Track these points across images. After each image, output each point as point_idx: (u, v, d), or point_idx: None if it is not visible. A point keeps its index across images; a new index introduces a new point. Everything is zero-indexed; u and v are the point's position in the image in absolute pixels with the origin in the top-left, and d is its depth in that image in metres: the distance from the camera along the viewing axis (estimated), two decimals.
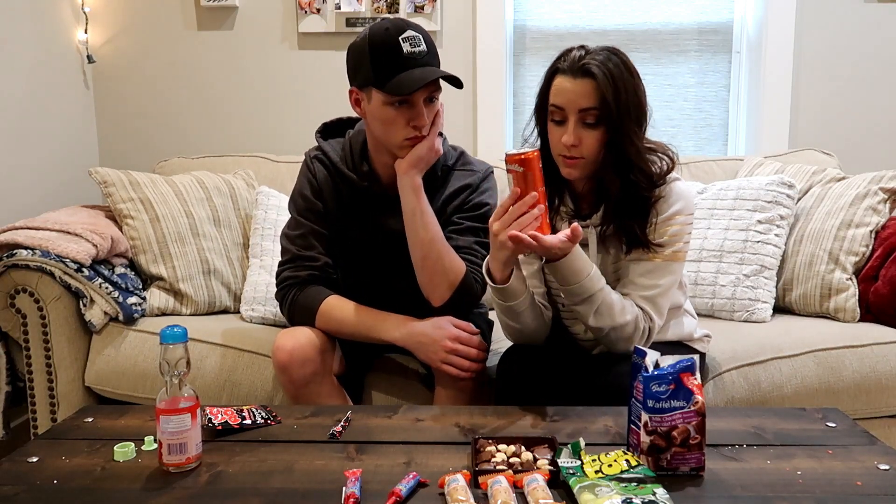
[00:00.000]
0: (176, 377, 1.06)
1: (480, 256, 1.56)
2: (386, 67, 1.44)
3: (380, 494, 0.98)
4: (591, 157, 1.35)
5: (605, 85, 1.30)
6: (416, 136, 1.49)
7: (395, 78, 1.44)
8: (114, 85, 2.71)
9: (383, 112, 1.48)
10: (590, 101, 1.32)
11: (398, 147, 1.51)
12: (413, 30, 1.47)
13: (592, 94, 1.32)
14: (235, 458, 1.12)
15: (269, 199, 2.18)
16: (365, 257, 1.65)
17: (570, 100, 1.34)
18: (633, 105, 1.33)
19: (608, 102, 1.31)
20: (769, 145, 2.52)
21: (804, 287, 1.98)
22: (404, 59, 1.44)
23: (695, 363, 1.06)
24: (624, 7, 2.63)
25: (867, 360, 1.71)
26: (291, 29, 2.62)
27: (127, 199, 2.06)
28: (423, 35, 1.48)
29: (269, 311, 2.00)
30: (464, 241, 1.58)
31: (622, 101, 1.31)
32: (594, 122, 1.33)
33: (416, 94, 1.46)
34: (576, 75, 1.33)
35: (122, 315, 1.88)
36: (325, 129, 1.70)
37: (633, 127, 1.34)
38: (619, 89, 1.31)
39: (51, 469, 1.09)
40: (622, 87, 1.32)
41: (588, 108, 1.32)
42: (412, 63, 1.45)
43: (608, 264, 1.44)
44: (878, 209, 1.96)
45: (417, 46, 1.45)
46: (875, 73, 2.52)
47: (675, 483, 1.02)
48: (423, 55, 1.46)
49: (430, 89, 1.48)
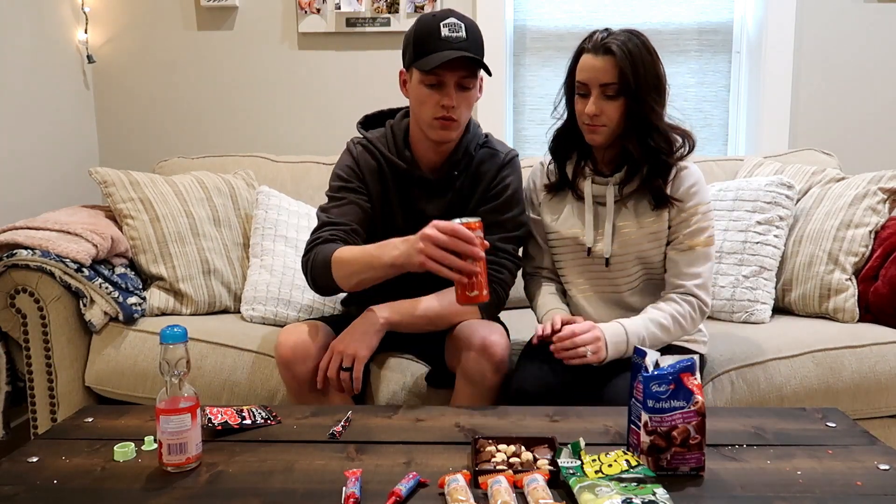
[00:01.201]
0: (176, 377, 1.06)
1: (502, 255, 1.62)
2: (424, 47, 1.52)
3: (380, 494, 0.98)
4: (611, 125, 1.51)
5: (624, 61, 1.47)
6: (444, 117, 1.54)
7: (427, 56, 1.51)
8: (114, 85, 2.71)
9: (419, 91, 1.56)
10: (609, 77, 1.48)
11: (428, 125, 1.57)
12: (458, 19, 1.53)
13: (612, 69, 1.48)
14: (235, 458, 1.12)
15: (270, 199, 2.18)
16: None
17: (593, 76, 1.50)
18: (651, 78, 1.49)
19: (627, 76, 1.47)
20: (769, 145, 2.52)
21: (803, 288, 1.98)
22: (441, 40, 1.51)
23: (695, 363, 1.06)
24: (624, 7, 2.63)
25: (867, 361, 1.71)
26: (291, 29, 2.62)
27: (127, 199, 2.06)
28: (467, 25, 1.53)
29: (269, 311, 2.00)
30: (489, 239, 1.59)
31: (640, 74, 1.47)
32: (614, 95, 1.49)
33: (446, 76, 1.51)
34: (597, 53, 1.49)
35: (122, 315, 1.88)
36: (366, 120, 1.74)
37: (653, 96, 1.50)
38: (637, 65, 1.47)
39: (51, 469, 1.09)
40: (640, 63, 1.48)
41: (608, 83, 1.48)
42: (447, 45, 1.50)
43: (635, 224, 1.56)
44: (878, 209, 1.96)
45: (456, 32, 1.52)
46: (875, 73, 2.52)
47: (675, 483, 1.02)
48: (460, 41, 1.51)
49: (459, 73, 1.52)
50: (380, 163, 1.66)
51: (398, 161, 1.64)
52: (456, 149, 1.64)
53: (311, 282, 1.61)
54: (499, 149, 1.68)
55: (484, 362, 1.48)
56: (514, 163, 1.69)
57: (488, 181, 1.65)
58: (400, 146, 1.65)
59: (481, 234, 1.34)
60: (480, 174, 1.65)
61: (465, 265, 1.32)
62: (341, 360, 1.49)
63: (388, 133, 1.68)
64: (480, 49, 1.55)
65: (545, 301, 1.65)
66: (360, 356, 1.49)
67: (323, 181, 2.37)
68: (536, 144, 2.71)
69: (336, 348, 1.50)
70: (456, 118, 1.55)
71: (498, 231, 1.63)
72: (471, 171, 1.65)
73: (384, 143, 1.67)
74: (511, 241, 1.64)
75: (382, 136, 1.68)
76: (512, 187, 1.65)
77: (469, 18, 1.56)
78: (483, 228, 1.36)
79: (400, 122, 1.68)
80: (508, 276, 1.64)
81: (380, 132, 1.69)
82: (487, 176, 1.65)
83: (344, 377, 1.49)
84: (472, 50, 1.52)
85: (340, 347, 1.50)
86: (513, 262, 1.65)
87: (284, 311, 2.01)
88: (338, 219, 1.61)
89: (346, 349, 1.49)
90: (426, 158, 1.65)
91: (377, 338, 1.53)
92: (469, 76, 1.54)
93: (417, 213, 1.65)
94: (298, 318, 2.00)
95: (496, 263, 1.61)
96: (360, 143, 1.69)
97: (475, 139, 1.67)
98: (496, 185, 1.64)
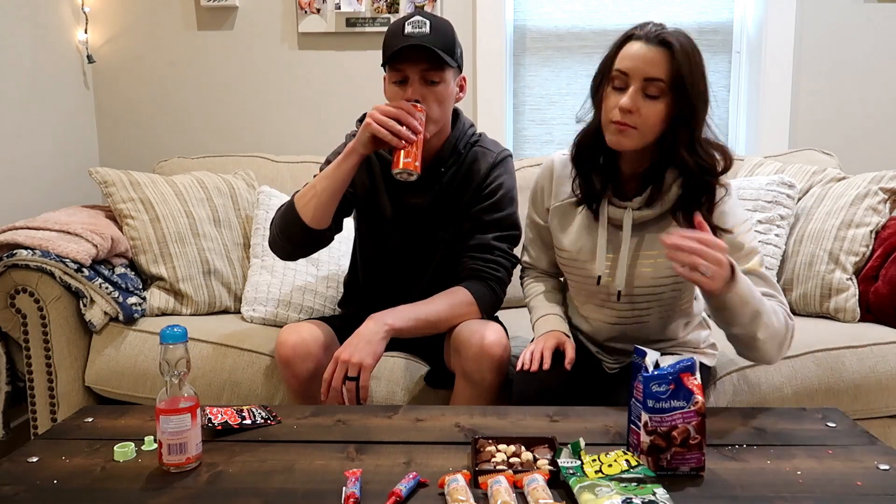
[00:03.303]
0: (176, 377, 1.06)
1: (498, 253, 1.62)
2: (388, 45, 1.55)
3: (380, 494, 0.98)
4: (644, 129, 1.30)
5: (682, 57, 1.27)
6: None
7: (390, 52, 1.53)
8: (114, 85, 2.71)
9: (390, 90, 1.58)
10: (659, 72, 1.28)
11: None
12: (424, 17, 1.54)
13: (664, 64, 1.28)
14: (235, 458, 1.12)
15: (270, 199, 2.18)
16: (392, 233, 1.69)
17: (638, 66, 1.29)
18: (702, 85, 1.30)
19: (682, 76, 1.27)
20: (769, 145, 2.52)
21: (804, 287, 1.98)
22: (404, 36, 1.52)
23: (695, 363, 1.06)
24: (624, 7, 2.63)
25: (867, 361, 1.71)
26: (291, 29, 2.62)
27: (127, 199, 2.06)
28: (433, 22, 1.54)
29: (269, 311, 2.00)
30: (483, 238, 1.63)
31: (695, 77, 1.28)
32: (657, 95, 1.29)
33: (407, 69, 1.53)
34: (651, 42, 1.29)
35: (122, 315, 1.88)
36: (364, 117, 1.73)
37: (703, 109, 1.31)
38: (693, 66, 1.28)
39: (51, 469, 1.09)
40: (696, 65, 1.29)
41: (654, 79, 1.28)
42: (408, 40, 1.51)
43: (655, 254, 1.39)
44: (878, 209, 1.96)
45: (419, 28, 1.52)
46: (875, 73, 2.52)
47: (675, 483, 1.02)
48: (422, 35, 1.52)
49: (420, 67, 1.52)
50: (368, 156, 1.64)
51: (385, 154, 1.63)
52: (444, 146, 1.64)
53: (276, 234, 1.60)
54: (491, 148, 1.68)
55: (484, 362, 1.48)
56: (507, 163, 1.68)
57: (480, 180, 1.64)
58: None
59: (423, 117, 1.48)
60: (472, 173, 1.65)
61: (405, 132, 1.45)
62: (346, 370, 1.45)
63: None
64: (446, 43, 1.54)
65: (539, 304, 1.60)
66: (366, 365, 1.44)
67: None
68: (536, 144, 2.71)
69: (341, 357, 1.45)
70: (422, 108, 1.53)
71: (493, 230, 1.63)
72: (461, 168, 1.65)
73: None
74: (506, 240, 1.65)
75: None
76: (505, 186, 1.65)
77: (440, 18, 1.57)
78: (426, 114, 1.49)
79: None
80: (505, 273, 1.64)
81: None
82: (479, 175, 1.65)
83: (349, 387, 1.44)
84: (433, 43, 1.51)
85: (346, 356, 1.44)
86: (508, 260, 1.65)
87: (285, 311, 2.01)
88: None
89: (351, 358, 1.44)
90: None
91: (382, 346, 1.49)
92: (431, 69, 1.53)
93: (403, 205, 1.67)
94: (299, 319, 2.00)
95: (492, 262, 1.62)
96: (354, 134, 1.69)
97: (464, 137, 1.67)
98: (489, 185, 1.64)
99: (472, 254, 1.63)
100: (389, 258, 1.72)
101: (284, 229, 1.57)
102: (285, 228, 1.57)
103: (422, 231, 1.67)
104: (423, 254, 1.69)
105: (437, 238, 1.67)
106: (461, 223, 1.65)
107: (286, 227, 1.56)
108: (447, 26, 1.57)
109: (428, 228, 1.67)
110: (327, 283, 2.06)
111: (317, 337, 1.55)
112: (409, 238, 1.69)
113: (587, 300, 1.51)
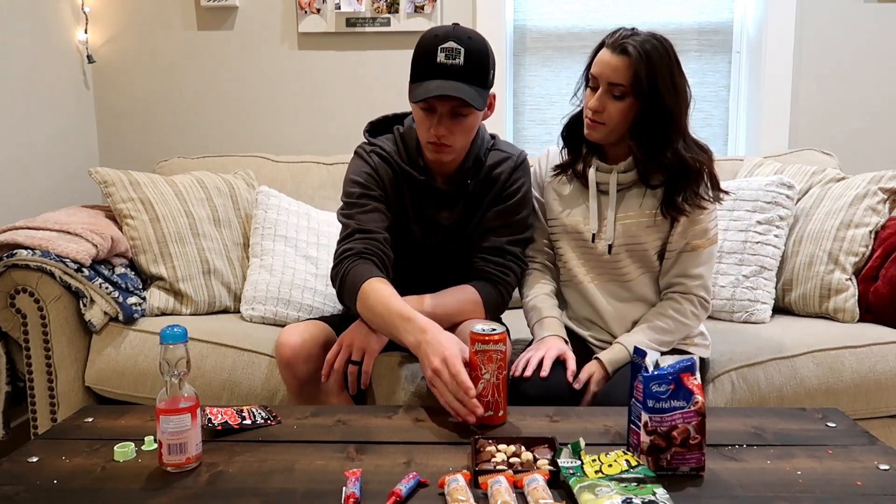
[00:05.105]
0: (176, 377, 1.06)
1: (510, 258, 1.62)
2: (418, 69, 1.49)
3: (380, 494, 0.98)
4: (611, 125, 1.50)
5: (639, 64, 1.44)
6: (435, 143, 1.52)
7: (421, 83, 1.47)
8: (114, 85, 2.71)
9: (416, 110, 1.54)
10: (619, 78, 1.46)
11: (423, 145, 1.57)
12: (459, 42, 1.45)
13: (623, 70, 1.46)
14: (235, 458, 1.12)
15: (270, 199, 2.18)
16: (420, 250, 1.67)
17: (604, 72, 1.48)
18: (667, 85, 1.46)
19: (640, 80, 1.44)
20: (769, 145, 2.52)
21: (804, 287, 1.98)
22: (435, 67, 1.45)
23: (695, 363, 1.06)
24: (624, 7, 2.63)
25: (867, 361, 1.71)
26: (291, 29, 2.62)
27: (127, 199, 2.06)
28: (467, 49, 1.45)
29: (268, 311, 2.00)
30: (497, 241, 1.62)
31: (656, 79, 1.45)
32: (620, 96, 1.47)
33: (435, 104, 1.47)
34: (614, 51, 1.47)
35: (122, 315, 1.88)
36: (372, 127, 1.72)
37: (668, 104, 1.47)
38: (653, 69, 1.45)
39: (51, 469, 1.09)
40: (657, 68, 1.45)
41: (616, 83, 1.47)
42: (441, 73, 1.45)
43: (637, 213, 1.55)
44: (878, 209, 1.96)
45: (453, 59, 1.45)
46: (875, 73, 2.52)
47: (675, 483, 1.02)
48: (456, 68, 1.45)
49: (451, 104, 1.47)
50: (396, 173, 1.63)
51: (414, 172, 1.61)
52: (466, 157, 1.62)
53: (339, 295, 1.55)
54: (509, 151, 1.67)
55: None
56: (526, 164, 1.68)
57: (502, 183, 1.63)
58: (413, 156, 1.62)
59: (503, 347, 1.22)
60: (494, 177, 1.64)
61: (459, 408, 1.21)
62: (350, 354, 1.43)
63: (399, 141, 1.65)
64: (481, 74, 1.48)
65: (537, 304, 1.63)
66: (370, 349, 1.43)
67: (323, 181, 2.39)
68: (536, 144, 2.71)
69: (345, 341, 1.43)
70: (449, 144, 1.52)
71: (507, 233, 1.63)
72: (483, 175, 1.64)
73: (396, 151, 1.64)
74: (518, 244, 1.65)
75: (393, 143, 1.66)
76: (524, 189, 1.64)
77: (474, 38, 1.48)
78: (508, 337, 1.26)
79: (410, 131, 1.64)
80: (514, 278, 1.64)
81: (389, 139, 1.67)
82: (501, 178, 1.63)
83: (352, 371, 1.43)
84: (471, 79, 1.46)
85: (350, 340, 1.43)
86: (519, 265, 1.65)
87: (284, 310, 2.01)
88: (367, 225, 1.56)
89: (355, 341, 1.43)
90: (438, 168, 1.63)
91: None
92: (462, 104, 1.47)
93: (431, 221, 1.65)
94: (299, 318, 2.00)
95: (503, 266, 1.62)
96: (375, 153, 1.64)
97: (484, 144, 1.66)
98: (510, 187, 1.63)
99: (485, 255, 1.63)
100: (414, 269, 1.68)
101: (346, 303, 1.54)
102: (347, 304, 1.53)
103: (450, 244, 1.66)
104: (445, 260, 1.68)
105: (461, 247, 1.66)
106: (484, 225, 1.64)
107: (348, 304, 1.52)
108: (482, 52, 1.48)
109: (457, 240, 1.66)
110: (327, 281, 2.05)
111: (317, 338, 1.55)
112: (437, 252, 1.67)
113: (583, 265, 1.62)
